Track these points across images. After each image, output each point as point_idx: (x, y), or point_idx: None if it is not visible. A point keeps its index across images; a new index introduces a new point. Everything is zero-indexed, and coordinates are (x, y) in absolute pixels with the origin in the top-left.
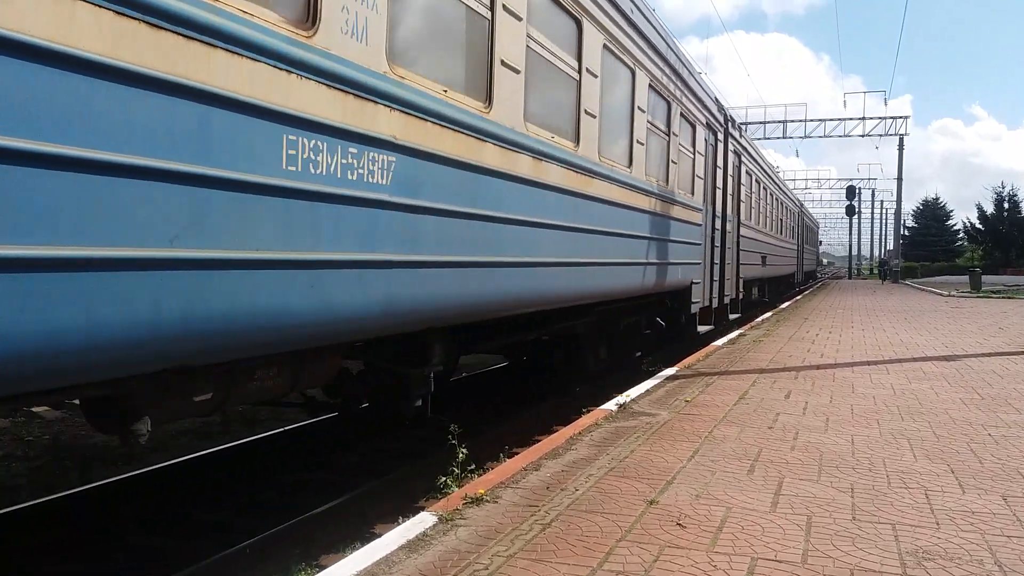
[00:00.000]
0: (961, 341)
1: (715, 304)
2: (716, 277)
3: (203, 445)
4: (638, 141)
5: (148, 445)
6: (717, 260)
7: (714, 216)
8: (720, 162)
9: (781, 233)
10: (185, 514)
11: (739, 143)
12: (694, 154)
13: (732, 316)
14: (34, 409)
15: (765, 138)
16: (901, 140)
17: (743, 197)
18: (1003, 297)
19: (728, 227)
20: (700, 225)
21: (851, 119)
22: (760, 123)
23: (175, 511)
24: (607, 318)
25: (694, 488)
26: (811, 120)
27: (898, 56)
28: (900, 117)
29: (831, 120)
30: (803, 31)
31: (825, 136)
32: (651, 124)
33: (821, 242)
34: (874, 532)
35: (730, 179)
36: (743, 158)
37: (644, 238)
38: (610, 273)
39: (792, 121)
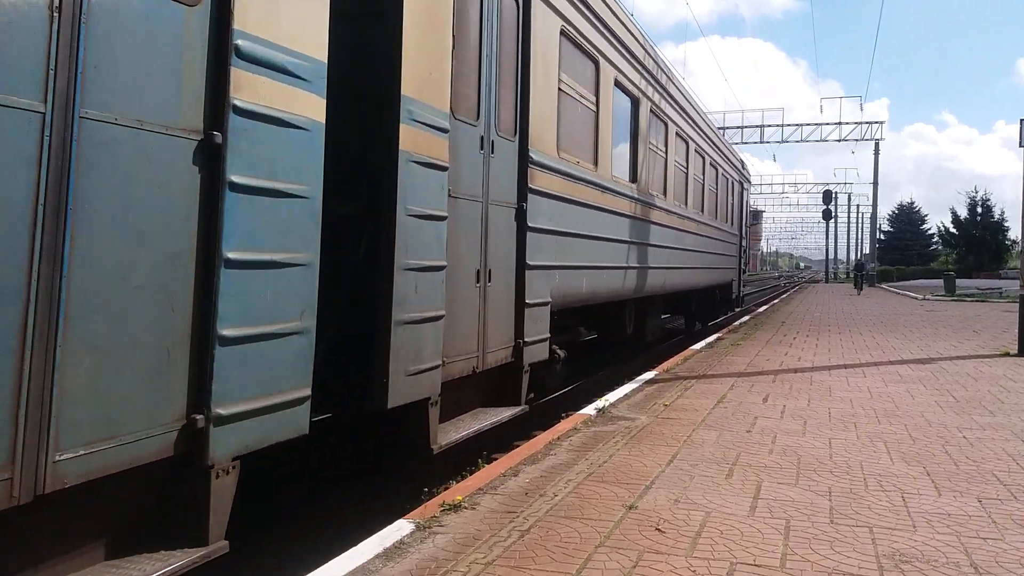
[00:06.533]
0: (936, 344)
1: None
2: None
3: None
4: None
5: None
6: None
7: None
8: None
9: None
10: None
11: None
12: None
13: None
14: None
15: (743, 143)
16: (877, 145)
17: None
18: (976, 300)
19: None
20: None
21: (828, 124)
22: (738, 128)
23: None
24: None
25: (673, 493)
26: (788, 125)
27: (873, 61)
28: (876, 122)
29: (808, 125)
30: (780, 36)
31: (802, 141)
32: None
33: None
34: (852, 535)
35: None
36: None
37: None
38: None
39: (769, 126)
